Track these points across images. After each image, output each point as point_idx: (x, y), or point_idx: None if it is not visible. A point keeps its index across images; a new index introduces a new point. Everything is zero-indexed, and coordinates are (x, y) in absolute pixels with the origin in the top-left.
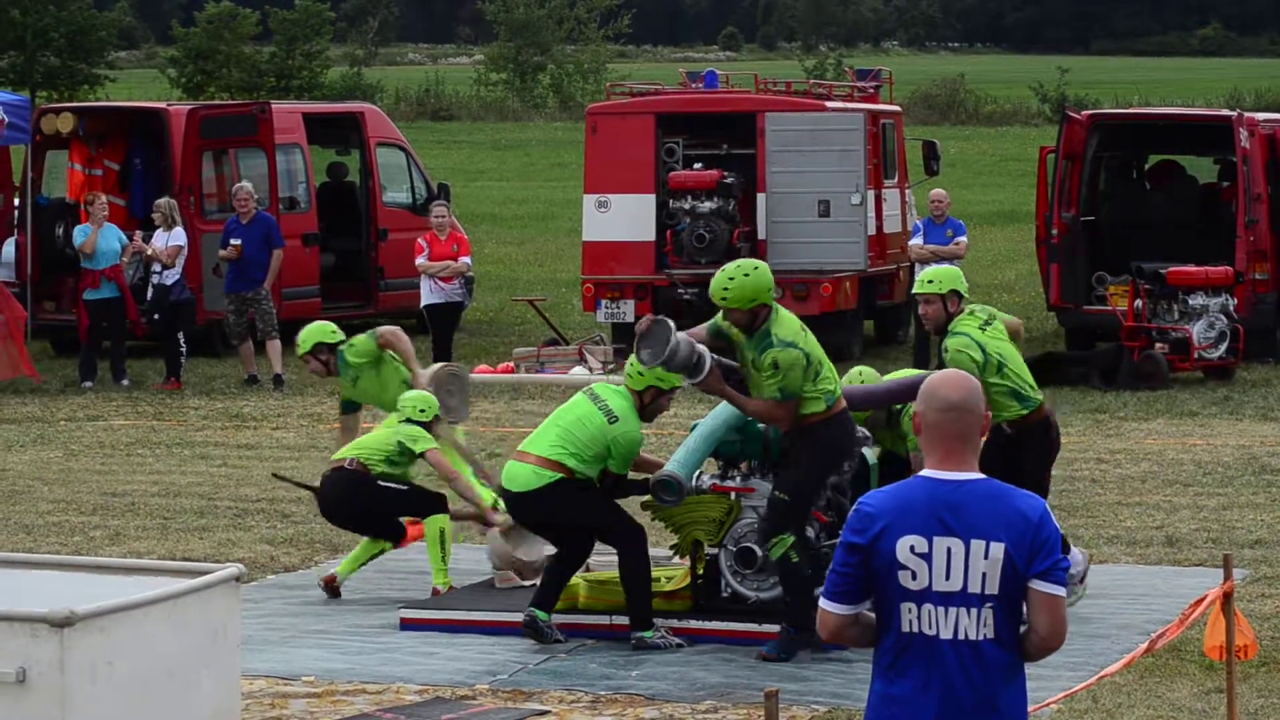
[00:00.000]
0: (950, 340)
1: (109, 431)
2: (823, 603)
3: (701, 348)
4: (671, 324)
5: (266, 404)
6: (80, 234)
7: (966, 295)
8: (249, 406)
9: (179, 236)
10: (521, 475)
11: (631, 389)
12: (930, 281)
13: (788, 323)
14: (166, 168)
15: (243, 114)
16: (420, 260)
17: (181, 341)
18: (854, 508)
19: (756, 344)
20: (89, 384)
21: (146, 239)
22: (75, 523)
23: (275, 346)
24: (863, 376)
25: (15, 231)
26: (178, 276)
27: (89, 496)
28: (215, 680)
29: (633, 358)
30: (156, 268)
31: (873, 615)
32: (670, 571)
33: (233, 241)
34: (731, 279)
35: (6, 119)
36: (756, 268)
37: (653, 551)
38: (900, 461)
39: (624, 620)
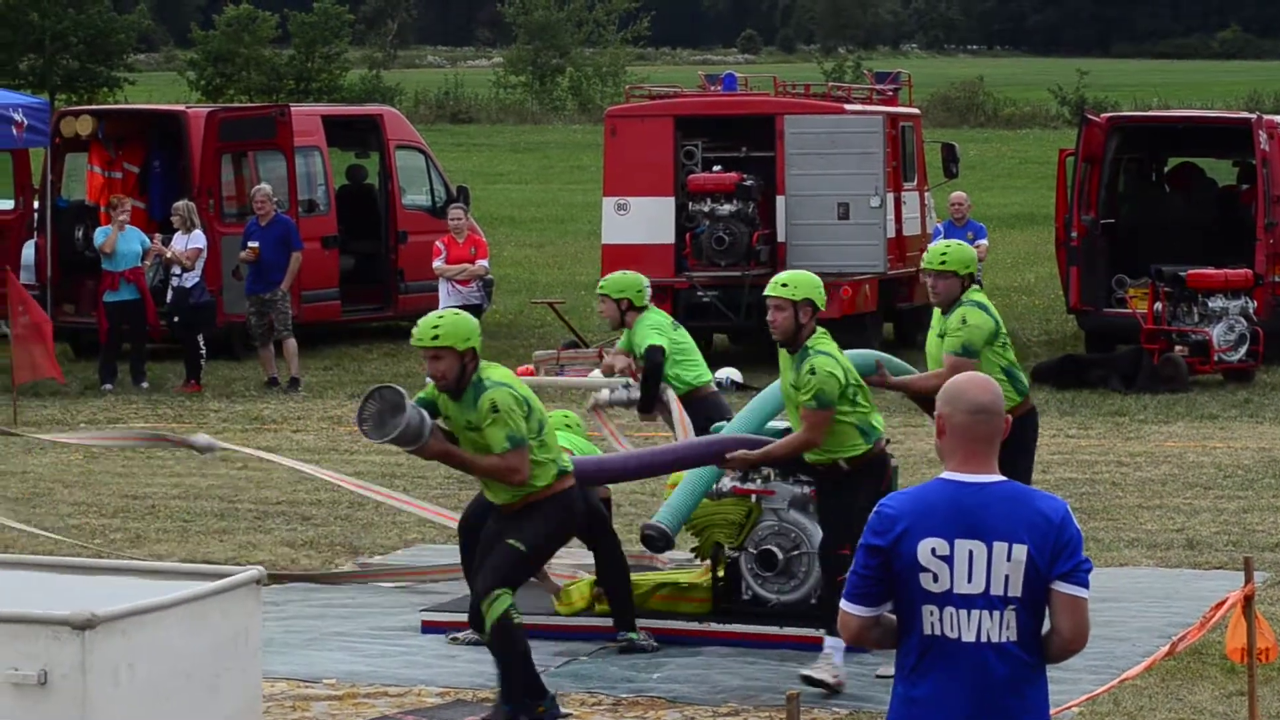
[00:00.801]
0: (816, 360)
1: None
2: (844, 604)
3: (422, 410)
4: (403, 391)
5: (286, 406)
6: (101, 235)
7: (823, 308)
8: (269, 409)
9: (198, 239)
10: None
11: None
12: (784, 285)
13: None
14: (185, 170)
15: (262, 117)
16: (437, 263)
17: (201, 344)
18: (875, 510)
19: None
20: (109, 386)
21: (166, 242)
22: (96, 525)
23: (291, 347)
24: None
25: (35, 234)
26: (197, 279)
27: (109, 499)
28: (236, 683)
29: None
30: (176, 270)
31: (894, 618)
32: (686, 576)
33: (250, 244)
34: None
35: (26, 122)
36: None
37: (673, 554)
38: None
39: (678, 624)
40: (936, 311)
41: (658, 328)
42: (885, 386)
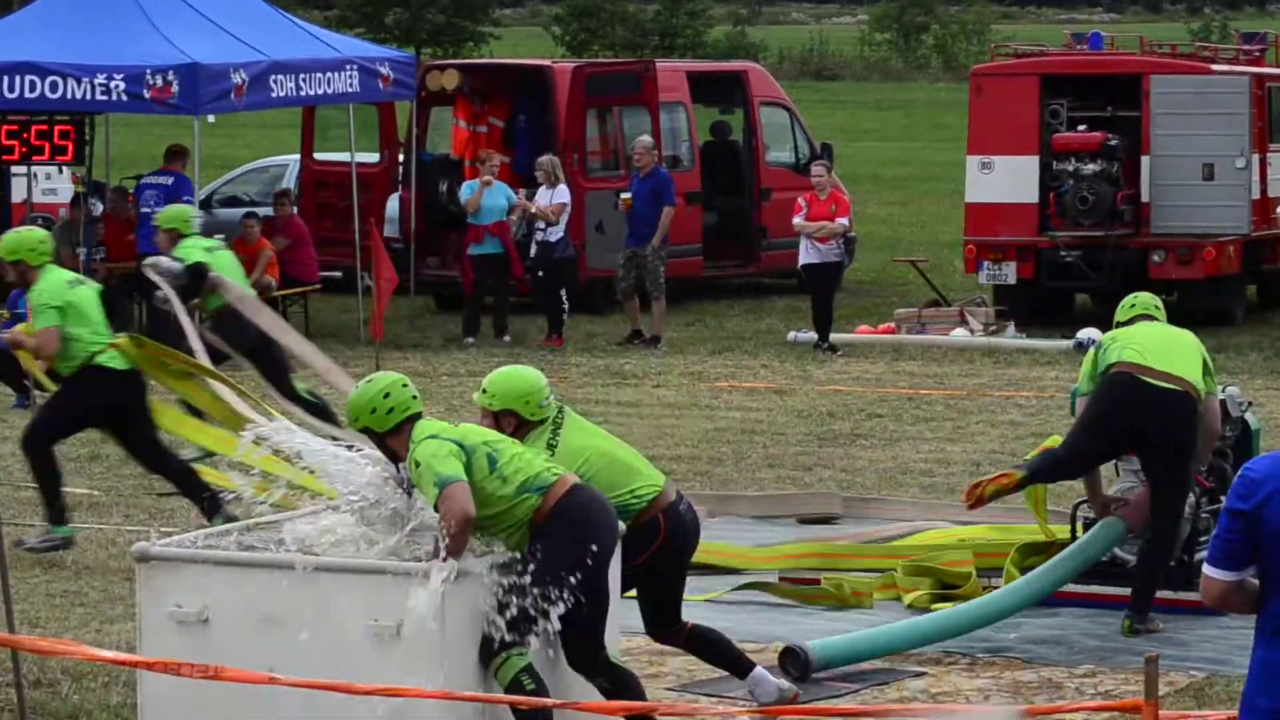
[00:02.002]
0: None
1: None
2: (1206, 569)
3: None
4: None
5: (647, 362)
6: (467, 190)
7: (532, 418)
8: (630, 364)
9: (563, 194)
10: None
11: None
12: (485, 391)
13: None
14: (550, 125)
15: (627, 72)
16: (797, 220)
17: (564, 298)
18: (1239, 473)
19: None
20: (471, 340)
21: (530, 196)
22: None
23: (659, 307)
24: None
25: (400, 188)
26: (561, 234)
27: None
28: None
29: None
30: (540, 225)
31: (1256, 582)
32: (1044, 535)
33: (622, 195)
34: None
35: (392, 75)
36: None
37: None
38: None
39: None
40: None
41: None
42: None
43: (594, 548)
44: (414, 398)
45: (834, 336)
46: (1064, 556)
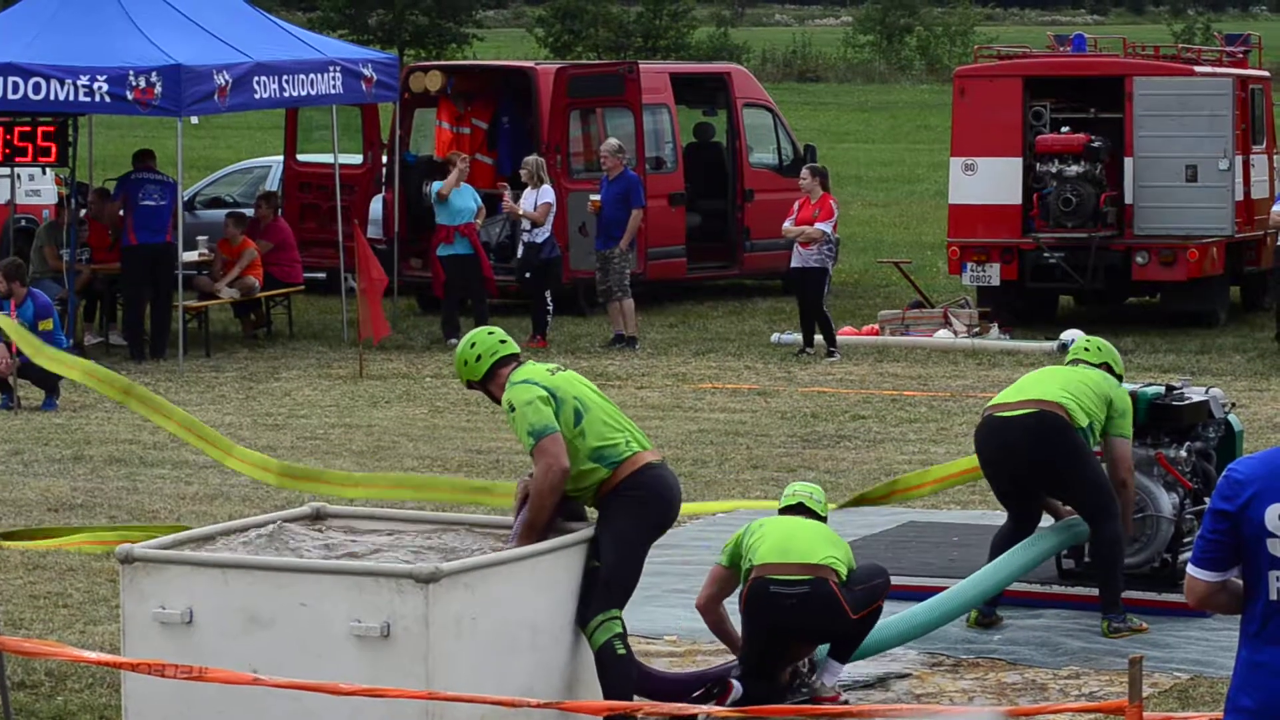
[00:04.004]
0: None
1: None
2: (1190, 569)
3: None
4: None
5: (631, 364)
6: (437, 184)
7: None
8: (614, 365)
9: (547, 194)
10: None
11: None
12: None
13: None
14: (534, 127)
15: (610, 74)
16: (785, 224)
17: (549, 300)
18: (1223, 474)
19: None
20: (454, 340)
21: (515, 198)
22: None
23: (621, 307)
24: None
25: (383, 189)
26: (547, 234)
27: (454, 453)
28: (577, 638)
29: None
30: (526, 225)
31: (1240, 582)
32: None
33: (591, 198)
34: None
35: (375, 77)
36: None
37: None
38: None
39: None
40: None
41: None
42: None
43: (656, 529)
44: (502, 342)
45: (816, 339)
46: (1028, 542)
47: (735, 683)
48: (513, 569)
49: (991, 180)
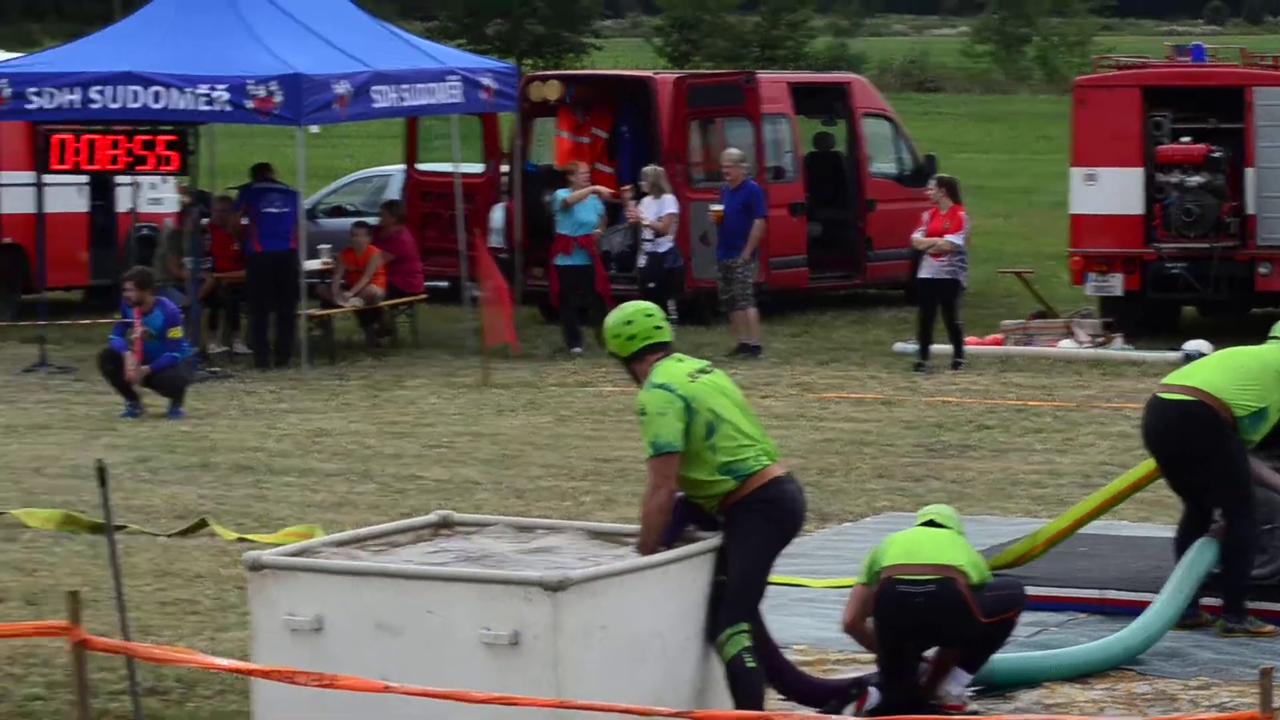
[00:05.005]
0: None
1: (599, 397)
2: None
3: None
4: None
5: (755, 373)
6: (561, 193)
7: None
8: (737, 375)
9: (670, 204)
10: None
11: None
12: None
13: None
14: (653, 136)
15: (730, 83)
16: (915, 235)
17: (672, 309)
18: None
19: None
20: (578, 349)
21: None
22: (566, 488)
23: (743, 316)
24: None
25: (504, 198)
26: (670, 244)
27: (579, 462)
28: (705, 647)
29: None
30: (648, 235)
31: None
32: None
33: (713, 208)
34: None
35: (494, 86)
36: None
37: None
38: None
39: (1117, 595)
40: None
41: None
42: None
43: (782, 542)
44: (658, 328)
45: (934, 348)
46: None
47: (873, 689)
48: (641, 577)
49: (1113, 190)
